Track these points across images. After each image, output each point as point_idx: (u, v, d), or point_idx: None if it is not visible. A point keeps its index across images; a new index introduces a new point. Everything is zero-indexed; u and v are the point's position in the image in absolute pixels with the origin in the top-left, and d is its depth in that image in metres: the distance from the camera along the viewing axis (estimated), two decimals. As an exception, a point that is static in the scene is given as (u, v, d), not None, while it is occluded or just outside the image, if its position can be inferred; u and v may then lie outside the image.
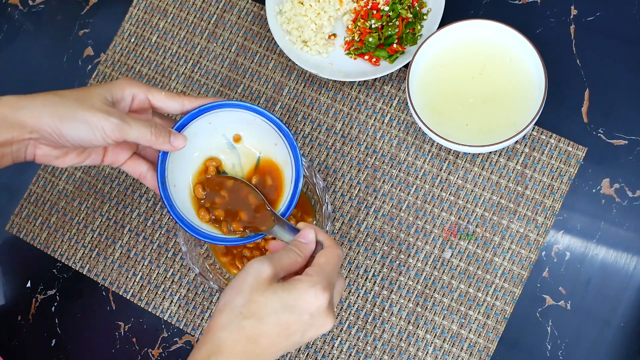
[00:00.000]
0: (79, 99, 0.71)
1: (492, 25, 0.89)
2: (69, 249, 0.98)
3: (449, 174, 0.93)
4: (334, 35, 0.98)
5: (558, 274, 0.89)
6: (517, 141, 0.92)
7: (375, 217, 0.93)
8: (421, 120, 0.87)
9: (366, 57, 0.96)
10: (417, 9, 0.96)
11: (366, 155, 0.95)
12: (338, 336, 0.91)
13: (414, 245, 0.92)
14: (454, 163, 0.93)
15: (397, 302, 0.91)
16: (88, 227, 0.98)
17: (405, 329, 0.90)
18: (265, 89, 0.99)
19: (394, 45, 0.94)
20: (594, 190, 0.90)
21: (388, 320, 0.91)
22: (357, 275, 0.92)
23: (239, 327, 0.62)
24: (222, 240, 0.80)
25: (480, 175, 0.92)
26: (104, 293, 0.96)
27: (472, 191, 0.92)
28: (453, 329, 0.89)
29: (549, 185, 0.91)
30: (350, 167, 0.95)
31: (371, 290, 0.91)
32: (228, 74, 1.01)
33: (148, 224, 0.97)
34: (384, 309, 0.91)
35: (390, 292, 0.91)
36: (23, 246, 1.00)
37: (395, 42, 0.94)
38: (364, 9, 0.96)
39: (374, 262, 0.92)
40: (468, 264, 0.90)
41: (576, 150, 0.91)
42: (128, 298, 0.96)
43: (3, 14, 1.08)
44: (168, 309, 0.95)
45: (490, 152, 0.92)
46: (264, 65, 1.00)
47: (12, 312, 0.98)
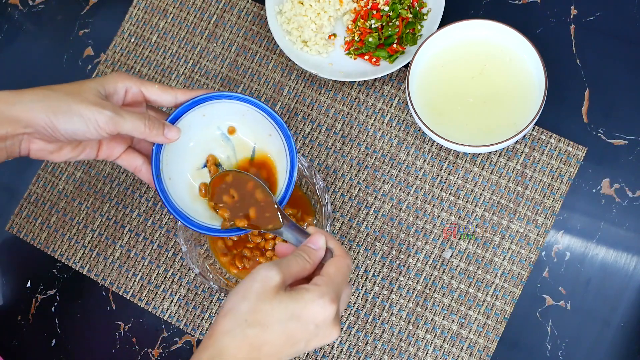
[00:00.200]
0: (72, 93, 0.72)
1: (492, 25, 0.89)
2: (69, 249, 0.98)
3: (449, 174, 0.93)
4: (334, 35, 0.98)
5: (558, 274, 0.89)
6: (517, 141, 0.92)
7: (375, 217, 0.93)
8: (421, 120, 0.87)
9: (366, 57, 0.96)
10: (417, 9, 0.96)
11: (366, 155, 0.95)
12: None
13: (414, 245, 0.92)
14: (454, 163, 0.93)
15: (397, 302, 0.91)
16: (88, 227, 0.98)
17: (405, 329, 0.90)
18: (265, 89, 0.99)
19: (394, 45, 0.94)
20: (594, 190, 0.90)
21: (388, 320, 0.91)
22: (357, 275, 0.92)
23: (243, 334, 0.61)
24: (219, 232, 0.80)
25: (480, 175, 0.92)
26: (104, 293, 0.97)
27: (472, 191, 0.92)
28: (453, 329, 0.89)
29: (549, 185, 0.91)
30: (350, 167, 0.95)
31: (371, 290, 0.91)
32: (228, 74, 1.01)
33: (148, 224, 0.97)
34: (384, 309, 0.91)
35: (390, 292, 0.91)
36: (23, 246, 1.00)
37: (395, 42, 0.94)
38: (364, 9, 0.96)
39: (374, 262, 0.92)
40: (468, 264, 0.90)
41: (576, 150, 0.91)
42: (128, 298, 0.96)
43: (3, 14, 1.08)
44: (168, 309, 0.95)
45: (490, 152, 0.92)
46: (264, 65, 1.00)
47: (12, 312, 0.98)
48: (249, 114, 0.81)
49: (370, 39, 0.94)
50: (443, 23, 0.91)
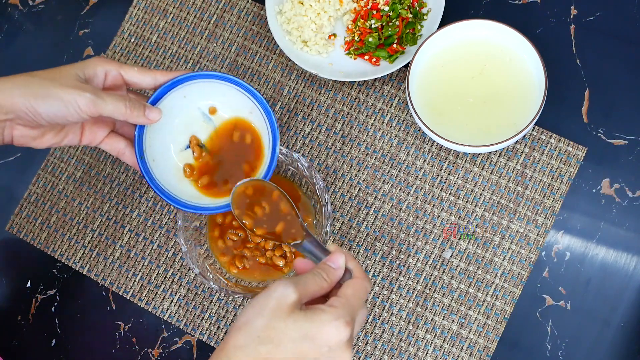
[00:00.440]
0: (51, 78, 0.73)
1: (492, 25, 0.89)
2: (69, 249, 0.98)
3: (449, 174, 0.93)
4: (334, 35, 0.98)
5: (558, 274, 0.89)
6: (517, 141, 0.92)
7: (375, 217, 0.93)
8: (421, 120, 0.87)
9: (366, 57, 0.96)
10: (417, 9, 0.96)
11: (366, 155, 0.95)
12: (338, 336, 0.91)
13: (414, 245, 0.92)
14: (454, 163, 0.93)
15: (397, 302, 0.91)
16: (88, 227, 0.98)
17: (405, 329, 0.90)
18: (265, 89, 0.99)
19: (394, 45, 0.94)
20: (594, 190, 0.90)
21: (388, 320, 0.91)
22: (357, 275, 0.92)
23: (256, 350, 0.60)
24: (205, 209, 0.81)
25: (480, 175, 0.92)
26: (104, 293, 0.96)
27: (472, 191, 0.92)
28: (453, 329, 0.89)
29: (549, 185, 0.91)
30: (350, 167, 0.95)
31: (371, 290, 0.91)
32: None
33: (148, 224, 0.97)
34: (384, 309, 0.91)
35: (390, 292, 0.91)
36: (23, 246, 1.00)
37: (395, 42, 0.94)
38: (364, 9, 0.96)
39: (374, 262, 0.92)
40: (468, 264, 0.90)
41: (576, 150, 0.91)
42: (128, 298, 0.96)
43: (3, 14, 1.08)
44: (168, 309, 0.95)
45: (490, 152, 0.92)
46: (264, 65, 1.00)
47: (12, 312, 0.98)
48: (229, 92, 0.83)
49: (370, 39, 0.94)
50: (443, 23, 0.91)
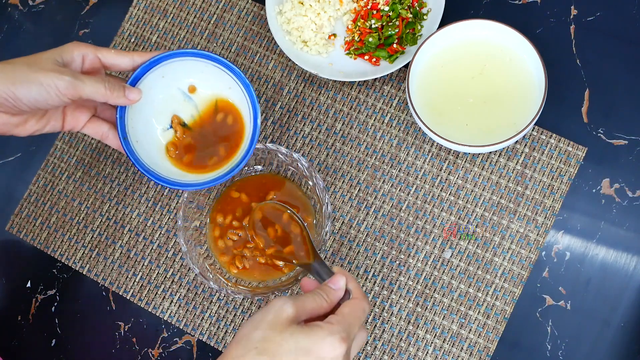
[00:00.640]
0: (30, 64, 0.75)
1: (492, 25, 0.89)
2: (69, 249, 0.98)
3: (449, 174, 0.93)
4: (334, 35, 0.98)
5: (558, 274, 0.89)
6: (517, 141, 0.92)
7: (375, 217, 0.93)
8: (421, 120, 0.87)
9: (366, 57, 0.96)
10: (417, 9, 0.96)
11: (366, 155, 0.95)
12: (338, 336, 0.91)
13: (414, 245, 0.92)
14: (454, 163, 0.93)
15: (397, 302, 0.91)
16: (88, 227, 0.98)
17: (405, 329, 0.90)
18: (265, 89, 0.99)
19: (394, 45, 0.94)
20: (594, 190, 0.90)
21: (388, 320, 0.91)
22: (357, 275, 0.92)
23: None
24: (190, 185, 0.83)
25: (480, 175, 0.92)
26: (104, 293, 0.96)
27: (472, 191, 0.92)
28: (453, 329, 0.89)
29: (549, 185, 0.91)
30: (350, 167, 0.95)
31: (371, 290, 0.91)
32: (228, 74, 1.01)
33: (148, 224, 0.97)
34: (384, 309, 0.91)
35: (390, 292, 0.91)
36: (23, 246, 1.00)
37: (395, 42, 0.94)
38: (364, 9, 0.96)
39: (374, 262, 0.92)
40: (468, 264, 0.90)
41: (576, 150, 0.91)
42: (128, 298, 0.96)
43: (3, 14, 1.08)
44: (168, 309, 0.95)
45: (490, 152, 0.92)
46: (264, 65, 1.00)
47: (12, 312, 0.98)
48: (207, 69, 0.84)
49: (370, 39, 0.94)
50: (443, 23, 0.91)
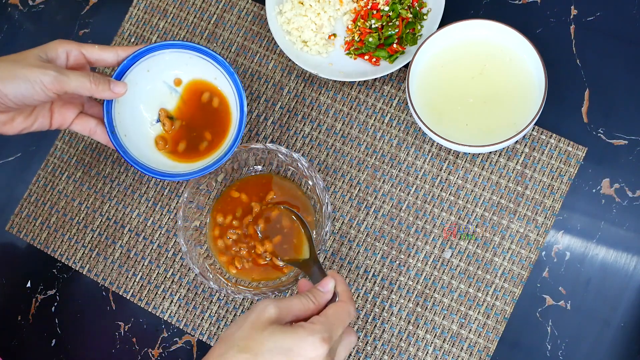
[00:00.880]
0: (14, 60, 0.76)
1: (492, 25, 0.89)
2: (69, 249, 0.98)
3: (449, 174, 0.93)
4: (334, 35, 0.98)
5: (558, 274, 0.89)
6: (517, 141, 0.92)
7: (375, 217, 0.93)
8: (421, 120, 0.87)
9: (366, 57, 0.96)
10: (417, 9, 0.96)
11: (366, 155, 0.95)
12: (338, 336, 0.91)
13: (414, 245, 0.92)
14: (454, 163, 0.93)
15: (397, 302, 0.91)
16: (88, 227, 0.98)
17: (405, 329, 0.90)
18: (265, 89, 0.99)
19: (394, 45, 0.94)
20: (594, 190, 0.90)
21: (388, 320, 0.91)
22: (357, 275, 0.92)
23: (235, 357, 0.63)
24: (181, 176, 0.84)
25: (480, 175, 0.92)
26: (104, 293, 0.96)
27: (472, 191, 0.92)
28: (453, 329, 0.89)
29: (549, 185, 0.91)
30: (350, 167, 0.95)
31: (371, 290, 0.91)
32: (228, 74, 1.01)
33: (148, 224, 0.97)
34: (384, 309, 0.91)
35: (390, 292, 0.91)
36: (23, 246, 1.00)
37: (395, 42, 0.94)
38: (364, 9, 0.96)
39: (374, 262, 0.92)
40: (468, 264, 0.90)
41: (576, 150, 0.91)
42: (128, 298, 0.96)
43: (3, 14, 1.08)
44: (168, 309, 0.95)
45: (490, 152, 0.92)
46: (264, 65, 1.00)
47: (12, 312, 0.98)
48: (192, 61, 0.85)
49: (370, 39, 0.94)
50: (443, 23, 0.91)
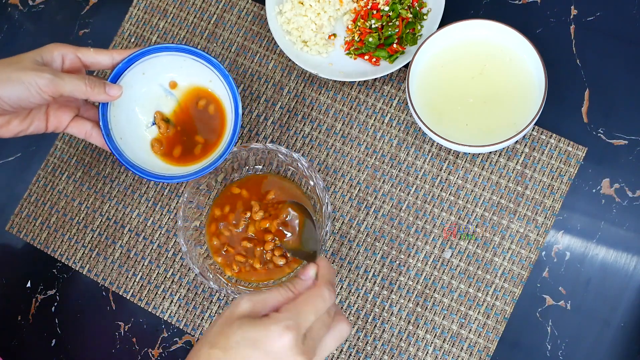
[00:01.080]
0: (10, 64, 0.77)
1: (492, 25, 0.89)
2: (69, 249, 0.98)
3: (449, 174, 0.93)
4: (334, 35, 0.98)
5: (558, 274, 0.89)
6: (517, 141, 0.92)
7: (375, 217, 0.93)
8: (421, 120, 0.87)
9: (366, 57, 0.96)
10: (417, 9, 0.96)
11: (366, 155, 0.95)
12: (338, 336, 0.91)
13: (414, 245, 0.92)
14: (454, 163, 0.93)
15: (397, 302, 0.91)
16: (88, 227, 0.98)
17: (405, 329, 0.90)
18: (265, 89, 0.99)
19: (394, 45, 0.94)
20: (594, 190, 0.90)
21: (388, 320, 0.91)
22: (357, 275, 0.92)
23: (207, 354, 0.63)
24: (176, 178, 0.84)
25: (480, 175, 0.92)
26: (104, 293, 0.96)
27: (472, 191, 0.92)
28: (453, 329, 0.89)
29: (549, 185, 0.91)
30: (350, 167, 0.95)
31: (371, 290, 0.91)
32: (228, 74, 1.01)
33: (148, 224, 0.97)
34: (384, 309, 0.91)
35: (390, 292, 0.91)
36: (23, 246, 1.00)
37: (395, 42, 0.94)
38: (364, 9, 0.96)
39: (374, 262, 0.92)
40: (468, 264, 0.90)
41: (576, 150, 0.91)
42: (128, 298, 0.96)
43: (3, 14, 1.08)
44: (168, 309, 0.95)
45: (490, 152, 0.92)
46: (264, 65, 1.00)
47: (12, 312, 0.98)
48: (187, 64, 0.86)
49: (370, 39, 0.94)
50: (443, 23, 0.91)
